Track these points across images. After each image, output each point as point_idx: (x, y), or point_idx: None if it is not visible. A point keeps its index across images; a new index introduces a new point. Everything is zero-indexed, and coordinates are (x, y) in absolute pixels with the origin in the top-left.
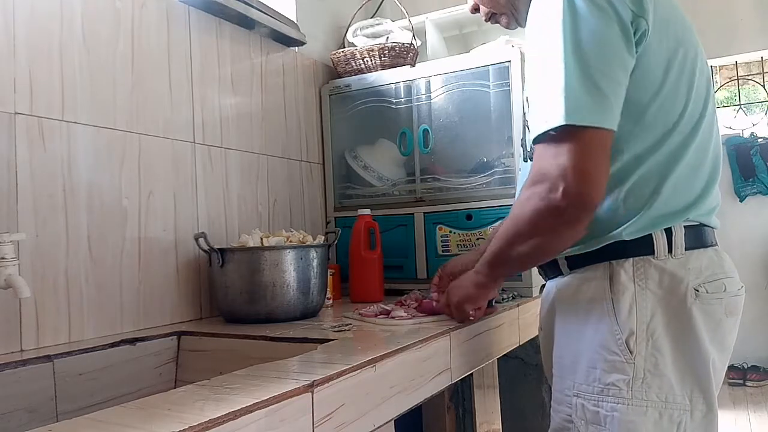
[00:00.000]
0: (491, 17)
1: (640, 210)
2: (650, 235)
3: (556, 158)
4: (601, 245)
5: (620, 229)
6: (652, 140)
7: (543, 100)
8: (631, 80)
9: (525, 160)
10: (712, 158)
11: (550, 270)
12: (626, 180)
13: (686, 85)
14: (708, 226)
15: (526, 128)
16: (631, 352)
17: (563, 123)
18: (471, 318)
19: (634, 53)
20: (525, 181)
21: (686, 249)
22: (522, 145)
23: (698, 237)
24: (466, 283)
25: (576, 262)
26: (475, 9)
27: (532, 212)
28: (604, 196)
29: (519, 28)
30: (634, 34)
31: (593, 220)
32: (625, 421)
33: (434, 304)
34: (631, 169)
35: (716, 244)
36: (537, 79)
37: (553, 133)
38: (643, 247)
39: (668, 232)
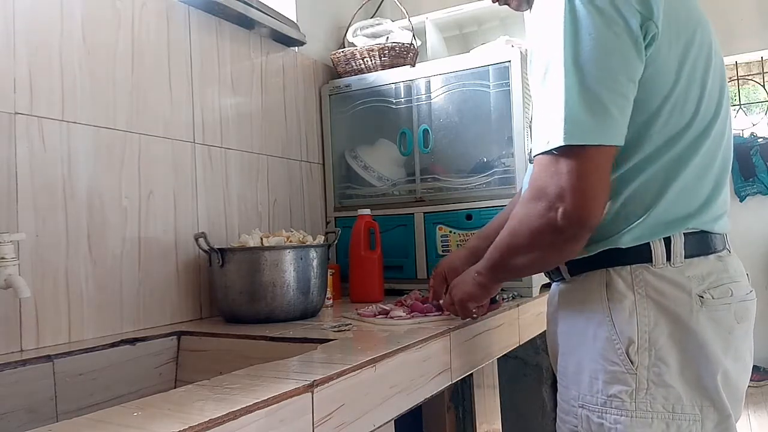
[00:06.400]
0: None
1: (639, 217)
2: (648, 243)
3: (554, 177)
4: (598, 251)
5: (618, 235)
6: (657, 145)
7: (544, 116)
8: (640, 86)
9: (530, 162)
10: (720, 163)
11: (554, 273)
12: (628, 186)
13: (698, 86)
14: (711, 233)
15: (530, 130)
16: (632, 363)
17: (563, 144)
18: (474, 316)
19: (643, 59)
20: (524, 191)
21: (686, 257)
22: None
23: (699, 244)
24: (468, 280)
25: (575, 268)
26: None
27: (531, 229)
28: (603, 214)
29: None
30: (644, 38)
31: None
32: None
33: (441, 302)
34: (633, 175)
35: (721, 250)
36: (538, 91)
37: (554, 152)
38: (640, 255)
39: (667, 241)
